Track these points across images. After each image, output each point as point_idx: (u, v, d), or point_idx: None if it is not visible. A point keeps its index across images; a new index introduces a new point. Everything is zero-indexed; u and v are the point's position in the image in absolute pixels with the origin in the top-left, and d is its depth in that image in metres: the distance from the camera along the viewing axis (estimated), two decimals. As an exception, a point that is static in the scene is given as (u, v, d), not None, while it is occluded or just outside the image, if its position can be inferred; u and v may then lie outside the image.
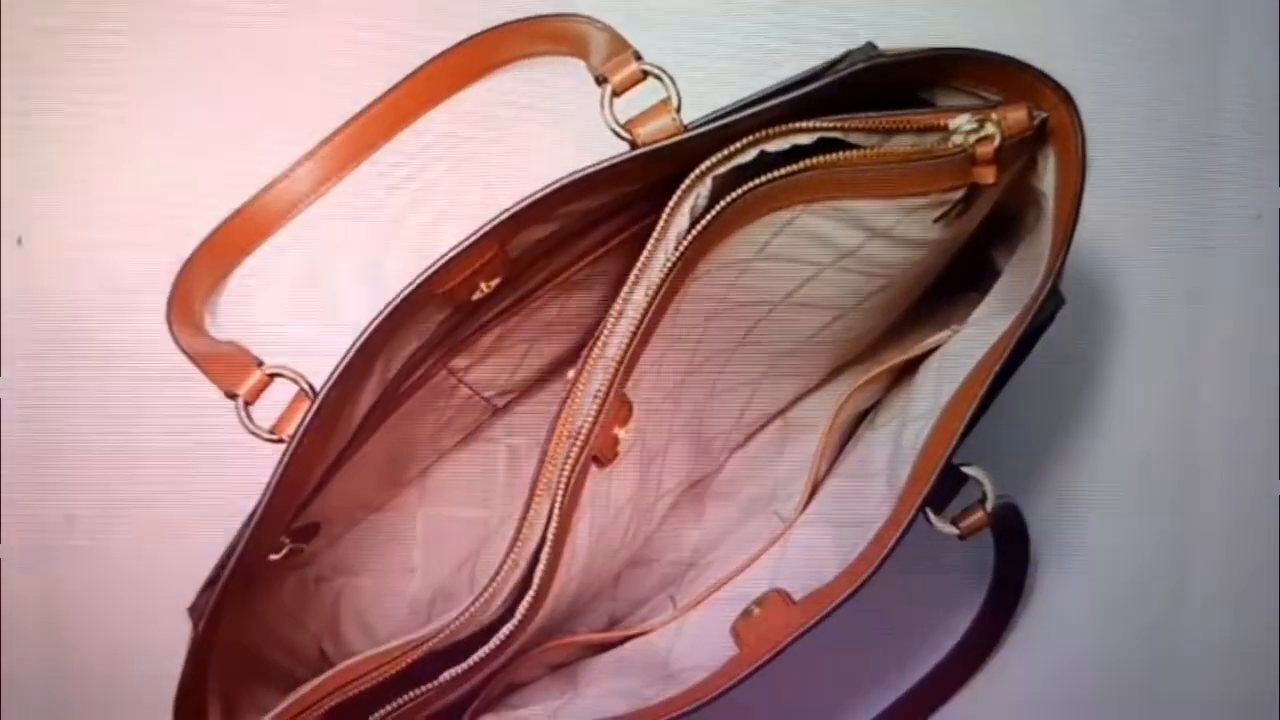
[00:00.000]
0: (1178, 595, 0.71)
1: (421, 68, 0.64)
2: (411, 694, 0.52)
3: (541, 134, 0.69)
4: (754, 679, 0.55)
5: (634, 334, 0.50)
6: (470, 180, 0.69)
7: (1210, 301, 0.72)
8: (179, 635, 0.50)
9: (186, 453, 0.68)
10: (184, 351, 0.55)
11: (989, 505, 0.58)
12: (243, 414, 0.52)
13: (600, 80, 0.52)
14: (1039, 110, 0.52)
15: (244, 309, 0.65)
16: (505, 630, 0.52)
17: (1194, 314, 0.72)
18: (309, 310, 0.67)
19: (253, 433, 0.51)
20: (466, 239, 0.49)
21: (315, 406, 0.48)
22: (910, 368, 0.63)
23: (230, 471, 0.55)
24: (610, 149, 0.49)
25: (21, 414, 0.68)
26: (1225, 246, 0.72)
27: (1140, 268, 0.72)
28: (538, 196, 0.48)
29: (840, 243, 0.55)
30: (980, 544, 0.61)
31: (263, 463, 0.49)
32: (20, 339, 0.68)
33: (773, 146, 0.50)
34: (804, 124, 0.50)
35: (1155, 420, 0.72)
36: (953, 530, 0.57)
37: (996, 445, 0.61)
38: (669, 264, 0.50)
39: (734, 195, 0.50)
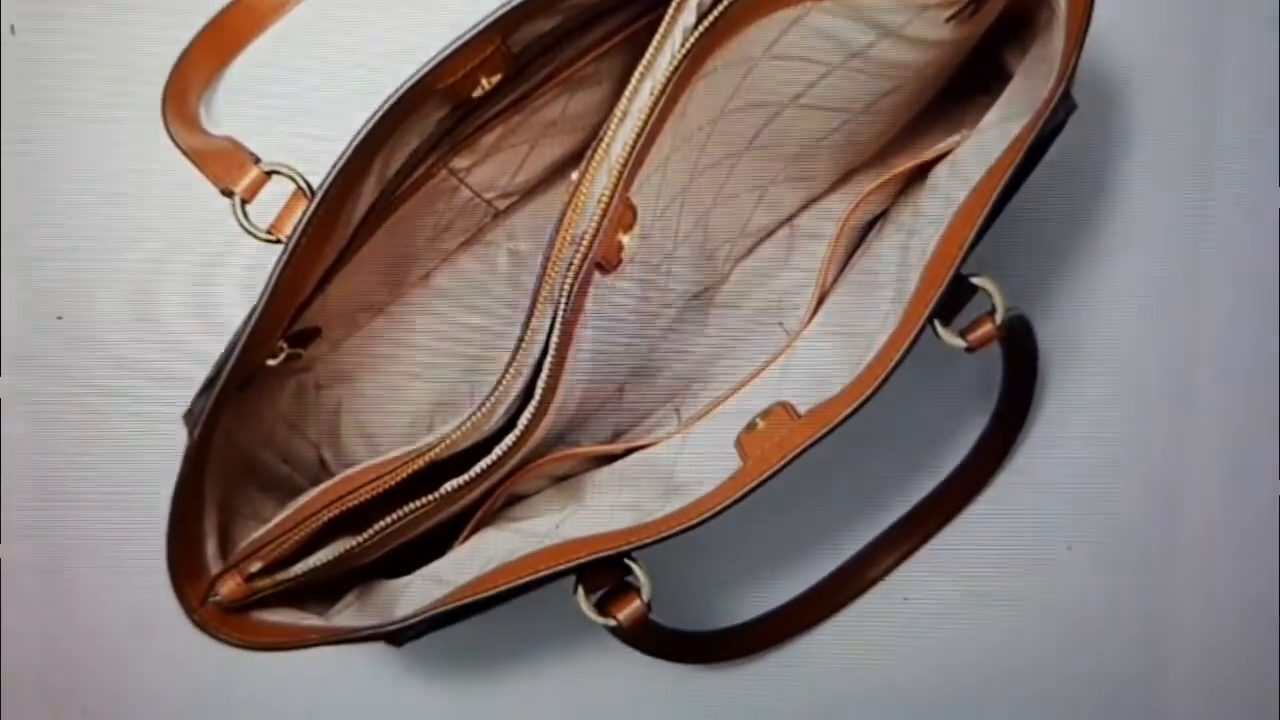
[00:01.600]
0: (1186, 408, 0.72)
1: None
2: (413, 505, 0.52)
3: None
4: (759, 493, 0.54)
5: (639, 134, 0.49)
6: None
7: (1222, 105, 0.71)
8: (175, 441, 0.50)
9: (181, 251, 0.67)
10: (179, 147, 0.54)
11: (998, 317, 0.57)
12: (239, 212, 0.51)
13: None
14: (1051, -95, 0.51)
15: (241, 105, 0.64)
16: (507, 441, 0.52)
17: (1207, 118, 0.71)
18: (307, 106, 0.66)
19: (249, 232, 0.51)
20: (468, 31, 0.48)
21: (314, 205, 0.48)
22: (920, 174, 0.62)
23: (226, 271, 0.55)
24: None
25: (12, 210, 0.67)
26: (1237, 50, 0.70)
27: (1153, 72, 0.71)
28: (540, -13, 0.47)
29: (850, 41, 0.54)
30: (988, 358, 0.61)
31: (259, 263, 0.48)
32: (12, 128, 0.67)
33: (783, -62, 0.49)
34: (816, -85, 0.49)
35: (1167, 230, 0.71)
36: (960, 343, 0.57)
37: (1006, 257, 0.60)
38: (675, 61, 0.48)
39: (742, -11, 0.49)
